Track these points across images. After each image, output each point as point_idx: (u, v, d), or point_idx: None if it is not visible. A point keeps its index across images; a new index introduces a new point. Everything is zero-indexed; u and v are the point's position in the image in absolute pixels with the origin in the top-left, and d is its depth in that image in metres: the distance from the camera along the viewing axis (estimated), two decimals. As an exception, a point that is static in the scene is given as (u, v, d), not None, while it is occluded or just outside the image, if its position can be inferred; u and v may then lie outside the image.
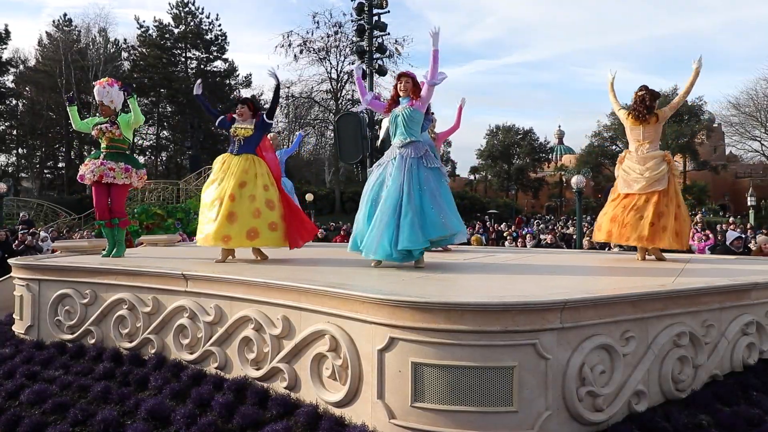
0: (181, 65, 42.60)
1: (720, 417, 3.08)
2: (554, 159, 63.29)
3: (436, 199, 4.38)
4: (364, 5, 17.91)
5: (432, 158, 4.58)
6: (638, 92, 5.40)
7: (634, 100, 5.40)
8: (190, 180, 27.88)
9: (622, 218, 5.29)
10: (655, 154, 5.27)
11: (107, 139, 5.75)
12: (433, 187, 4.43)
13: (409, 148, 4.53)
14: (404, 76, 4.73)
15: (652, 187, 5.19)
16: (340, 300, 3.20)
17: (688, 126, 48.13)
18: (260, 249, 5.48)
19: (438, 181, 4.52)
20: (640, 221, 5.18)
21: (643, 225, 5.15)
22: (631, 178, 5.31)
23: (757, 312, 3.84)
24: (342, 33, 34.92)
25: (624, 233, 5.29)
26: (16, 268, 5.42)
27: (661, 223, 5.15)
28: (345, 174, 42.74)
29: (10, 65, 38.78)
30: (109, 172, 5.61)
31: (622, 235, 5.30)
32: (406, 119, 4.59)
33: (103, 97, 5.75)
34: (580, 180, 16.29)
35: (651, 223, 5.13)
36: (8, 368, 4.34)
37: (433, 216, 4.30)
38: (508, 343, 2.76)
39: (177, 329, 4.22)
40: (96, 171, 5.61)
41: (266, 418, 3.25)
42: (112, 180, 5.64)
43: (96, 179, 5.63)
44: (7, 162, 41.72)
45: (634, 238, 5.22)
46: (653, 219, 5.14)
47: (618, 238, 5.38)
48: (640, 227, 5.17)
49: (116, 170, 5.63)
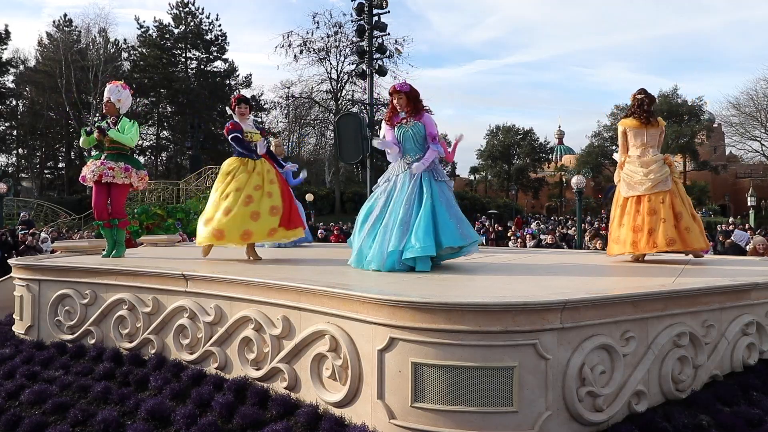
0: (181, 65, 42.61)
1: (720, 417, 3.08)
2: (554, 159, 63.29)
3: (452, 210, 4.44)
4: (364, 5, 17.90)
5: (441, 172, 4.63)
6: (637, 95, 5.34)
7: (633, 102, 5.36)
8: (191, 180, 27.87)
9: (642, 225, 5.08)
10: (656, 158, 5.25)
11: (108, 141, 5.76)
12: (448, 197, 4.50)
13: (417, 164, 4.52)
14: (395, 93, 4.62)
15: (657, 188, 5.10)
16: (340, 300, 3.20)
17: (688, 126, 48.12)
18: (254, 249, 5.59)
19: (447, 192, 4.58)
20: (664, 223, 5.00)
21: (667, 227, 4.98)
22: (635, 181, 5.21)
23: (757, 312, 3.84)
24: (342, 33, 34.95)
25: (651, 240, 5.04)
26: (17, 268, 5.42)
27: (683, 224, 5.03)
28: (345, 174, 42.76)
29: (10, 65, 38.83)
30: (108, 172, 5.62)
31: (650, 242, 5.05)
32: (415, 134, 4.58)
33: (113, 94, 5.78)
34: (580, 180, 16.33)
35: (674, 225, 5.01)
36: (8, 368, 4.34)
37: (451, 226, 4.34)
38: (508, 344, 2.76)
39: (177, 329, 4.21)
40: (96, 171, 5.64)
41: (266, 418, 3.25)
42: (111, 179, 5.65)
43: (96, 179, 5.64)
44: (8, 162, 41.81)
45: (664, 243, 4.99)
46: (675, 221, 5.03)
47: (646, 247, 5.10)
48: (664, 230, 4.98)
49: (116, 170, 5.64)
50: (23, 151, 41.68)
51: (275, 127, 42.33)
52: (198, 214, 7.76)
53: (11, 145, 41.00)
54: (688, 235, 5.03)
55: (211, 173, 27.38)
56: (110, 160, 5.69)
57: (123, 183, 5.71)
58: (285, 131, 43.79)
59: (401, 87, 4.63)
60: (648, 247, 5.08)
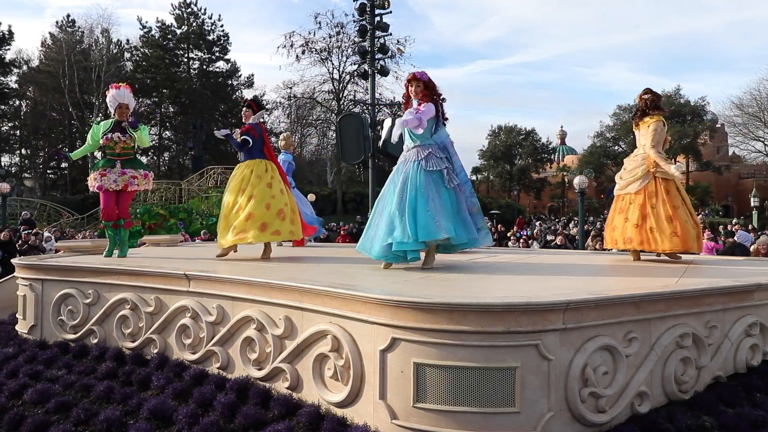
0: (184, 66, 42.64)
1: (723, 418, 3.07)
2: (556, 159, 63.20)
3: (432, 202, 4.28)
4: (366, 5, 17.87)
5: (435, 161, 4.44)
6: (643, 95, 5.45)
7: (641, 103, 5.45)
8: (193, 180, 27.90)
9: (613, 223, 5.46)
10: (636, 157, 5.34)
11: (120, 147, 5.74)
12: (431, 189, 4.33)
13: (412, 152, 4.54)
14: (414, 80, 4.60)
15: (626, 189, 5.33)
16: (342, 300, 3.20)
17: (691, 126, 47.97)
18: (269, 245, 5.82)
19: (438, 185, 4.40)
20: (625, 223, 5.26)
21: (627, 227, 5.23)
22: (618, 180, 5.54)
23: (760, 313, 3.83)
24: (344, 33, 34.84)
25: (613, 237, 5.41)
26: (20, 267, 5.44)
27: (647, 224, 5.09)
28: (347, 174, 42.71)
29: (13, 66, 38.90)
30: (133, 181, 5.68)
31: (613, 239, 5.42)
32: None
33: (125, 98, 5.82)
34: (582, 180, 16.30)
35: (635, 225, 5.13)
36: (11, 368, 4.35)
37: (426, 219, 4.21)
38: (510, 344, 2.76)
39: (179, 329, 4.22)
40: (119, 181, 5.61)
41: (268, 418, 3.25)
42: (137, 188, 5.76)
43: (121, 188, 5.64)
44: (11, 162, 41.92)
45: (621, 242, 5.29)
46: (638, 221, 5.13)
47: (611, 243, 5.48)
48: (623, 230, 5.26)
49: (138, 178, 5.73)
50: (26, 152, 41.79)
51: (277, 127, 42.34)
52: (200, 214, 7.76)
53: (14, 146, 41.11)
54: (651, 235, 5.09)
55: (213, 173, 27.43)
56: (128, 167, 5.70)
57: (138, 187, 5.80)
58: (287, 131, 43.81)
59: (420, 75, 4.63)
60: (612, 244, 5.48)
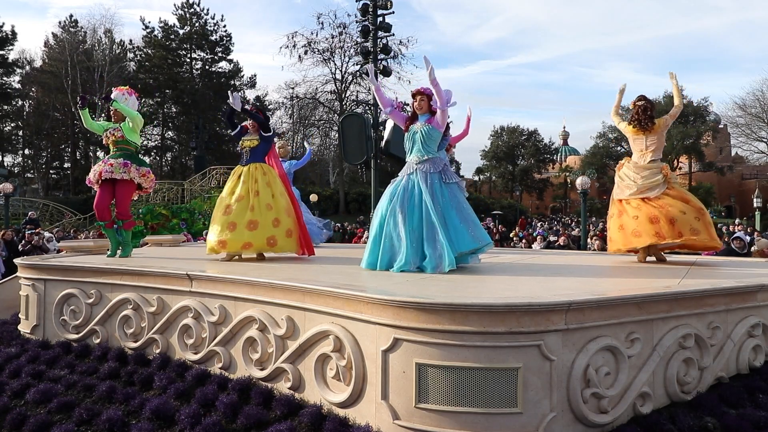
0: (186, 66, 42.74)
1: (726, 419, 3.06)
2: (559, 160, 63.18)
3: (463, 213, 4.47)
4: (368, 6, 17.88)
5: (450, 174, 4.65)
6: (637, 102, 5.44)
7: (635, 110, 5.41)
8: (195, 180, 27.97)
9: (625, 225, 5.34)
10: (651, 165, 5.30)
11: (113, 143, 5.85)
12: (459, 201, 4.53)
13: (427, 164, 4.57)
14: (419, 94, 4.71)
15: (644, 194, 5.27)
16: (344, 300, 3.20)
17: (694, 127, 47.91)
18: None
19: (461, 196, 4.62)
20: (636, 220, 5.22)
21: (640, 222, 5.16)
22: (624, 184, 5.41)
23: (763, 314, 3.82)
24: (346, 34, 34.90)
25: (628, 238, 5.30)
26: (22, 267, 5.45)
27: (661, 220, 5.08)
28: (349, 175, 42.76)
29: (16, 66, 39.01)
30: (107, 168, 5.70)
31: (628, 240, 5.30)
32: (425, 137, 4.60)
33: (118, 100, 5.85)
34: (585, 181, 16.27)
35: (650, 220, 5.11)
36: (14, 367, 4.36)
37: (462, 230, 4.39)
38: (512, 345, 2.75)
39: (182, 329, 4.23)
40: (96, 170, 5.76)
41: (270, 418, 3.25)
42: (110, 175, 5.70)
43: (96, 178, 5.72)
44: (14, 162, 42.02)
45: (638, 241, 5.20)
46: (651, 217, 5.13)
47: (626, 244, 5.36)
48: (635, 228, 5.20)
49: (114, 165, 5.72)
50: (29, 152, 41.90)
51: (280, 127, 42.38)
52: (202, 214, 7.74)
53: (17, 146, 41.22)
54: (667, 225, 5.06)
55: (216, 173, 27.46)
56: (112, 158, 5.77)
57: (122, 179, 5.73)
58: (289, 132, 43.86)
59: (425, 90, 4.73)
60: (629, 245, 5.34)
